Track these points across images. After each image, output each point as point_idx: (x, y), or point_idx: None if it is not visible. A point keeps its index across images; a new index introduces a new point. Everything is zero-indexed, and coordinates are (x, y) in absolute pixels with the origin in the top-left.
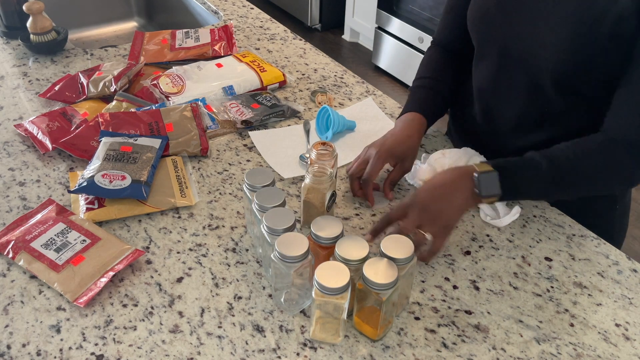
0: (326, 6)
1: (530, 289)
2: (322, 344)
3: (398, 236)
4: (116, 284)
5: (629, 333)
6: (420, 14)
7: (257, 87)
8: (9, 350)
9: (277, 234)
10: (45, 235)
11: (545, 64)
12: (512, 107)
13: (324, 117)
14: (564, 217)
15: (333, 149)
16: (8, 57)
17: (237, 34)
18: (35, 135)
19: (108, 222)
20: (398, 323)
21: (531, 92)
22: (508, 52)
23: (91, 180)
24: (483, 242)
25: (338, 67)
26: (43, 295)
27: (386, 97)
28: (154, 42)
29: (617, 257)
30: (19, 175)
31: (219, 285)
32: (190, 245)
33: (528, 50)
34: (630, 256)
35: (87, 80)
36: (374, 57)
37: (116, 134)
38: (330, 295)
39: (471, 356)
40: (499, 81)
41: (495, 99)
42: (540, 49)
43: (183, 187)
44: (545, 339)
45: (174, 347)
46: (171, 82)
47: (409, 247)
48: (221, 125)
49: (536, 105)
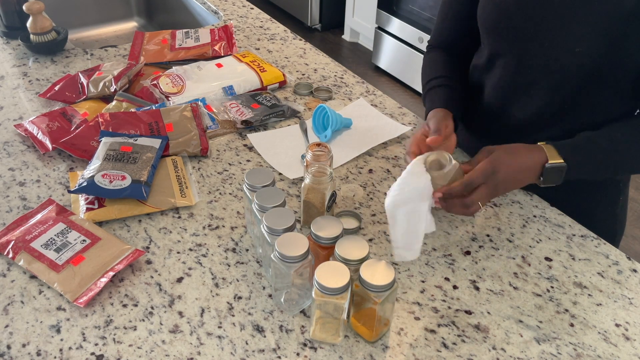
0: (326, 6)
1: (530, 289)
2: (322, 344)
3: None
4: (116, 284)
5: (629, 333)
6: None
7: (257, 87)
8: (9, 350)
9: (277, 234)
10: (45, 235)
11: (573, 62)
12: (531, 104)
13: (321, 115)
14: (564, 217)
15: (328, 150)
16: (8, 57)
17: (237, 34)
18: (35, 135)
19: (108, 222)
20: (398, 323)
21: (553, 89)
22: (530, 50)
23: (91, 180)
24: (483, 242)
25: (338, 67)
26: (43, 295)
27: (386, 97)
28: (154, 42)
29: (617, 257)
30: (19, 175)
31: (219, 285)
32: (190, 245)
33: (554, 48)
34: (630, 256)
35: (87, 80)
36: (374, 57)
37: (116, 134)
38: (330, 295)
39: (471, 356)
40: (518, 79)
41: (513, 97)
42: (568, 48)
43: (183, 187)
44: (545, 339)
45: (174, 347)
46: (171, 82)
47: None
48: (221, 125)
49: (557, 101)
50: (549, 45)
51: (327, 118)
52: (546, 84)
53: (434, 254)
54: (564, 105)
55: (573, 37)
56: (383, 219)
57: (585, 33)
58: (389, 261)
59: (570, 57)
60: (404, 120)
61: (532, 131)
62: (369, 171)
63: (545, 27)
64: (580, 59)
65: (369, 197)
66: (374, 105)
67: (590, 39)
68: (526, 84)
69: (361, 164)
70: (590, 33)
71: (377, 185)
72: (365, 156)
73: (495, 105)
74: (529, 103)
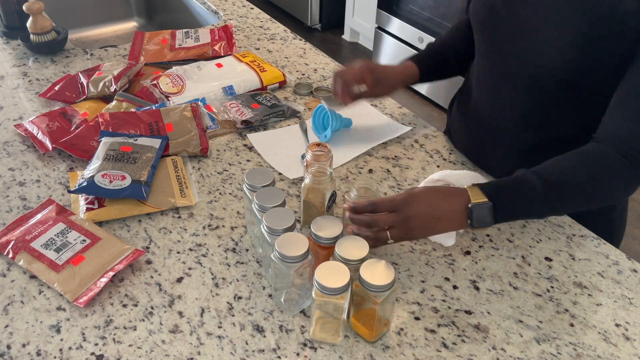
0: (326, 6)
1: (530, 289)
2: (322, 344)
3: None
4: (116, 284)
5: (629, 333)
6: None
7: (257, 87)
8: (9, 350)
9: (277, 234)
10: (45, 235)
11: (551, 62)
12: (516, 105)
13: (321, 115)
14: (564, 217)
15: (328, 150)
16: (8, 57)
17: (237, 34)
18: (35, 135)
19: (108, 222)
20: (398, 323)
21: (535, 90)
22: (512, 48)
23: (91, 180)
24: (483, 242)
25: (338, 67)
26: (43, 295)
27: (386, 97)
28: (154, 42)
29: (617, 257)
30: (19, 175)
31: (219, 285)
32: (190, 245)
33: (533, 47)
34: (630, 256)
35: (87, 80)
36: (374, 57)
37: (116, 134)
38: (330, 295)
39: (471, 356)
40: (502, 78)
41: (498, 96)
42: (545, 47)
43: (183, 187)
44: (545, 339)
45: (174, 347)
46: (171, 82)
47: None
48: (221, 125)
49: (540, 104)
50: (531, 46)
51: (327, 118)
52: (528, 84)
53: (434, 254)
54: (547, 109)
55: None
56: None
57: (563, 34)
58: (389, 261)
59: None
60: (404, 120)
61: (519, 135)
62: (369, 171)
63: (529, 27)
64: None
65: None
66: (374, 105)
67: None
68: (510, 85)
69: (361, 164)
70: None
71: (377, 185)
72: (365, 156)
73: (482, 105)
74: (513, 104)
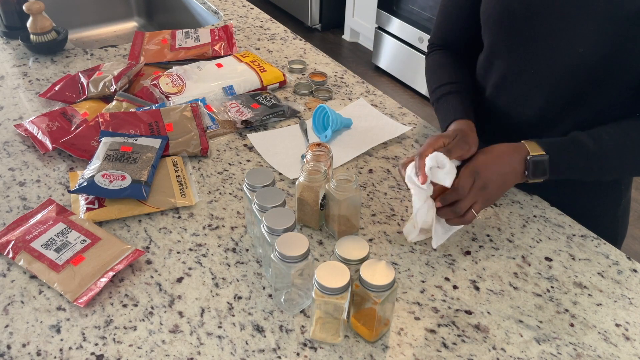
0: (326, 6)
1: (530, 289)
2: (322, 344)
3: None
4: (116, 284)
5: (629, 333)
6: (420, 14)
7: (257, 87)
8: (9, 350)
9: (277, 234)
10: (45, 235)
11: (576, 63)
12: (531, 105)
13: (321, 115)
14: (564, 217)
15: (328, 150)
16: (8, 57)
17: (237, 34)
18: (35, 135)
19: (108, 222)
20: (398, 323)
21: (555, 90)
22: (533, 48)
23: (91, 180)
24: (483, 242)
25: (338, 67)
26: (43, 295)
27: (386, 97)
28: (154, 42)
29: (617, 257)
30: (19, 175)
31: (219, 285)
32: (190, 245)
33: (557, 48)
34: (630, 256)
35: (87, 80)
36: (374, 57)
37: (116, 134)
38: (330, 295)
39: (471, 356)
40: (519, 79)
41: (513, 96)
42: (571, 48)
43: (183, 187)
44: (545, 339)
45: (174, 347)
46: (171, 82)
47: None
48: (221, 125)
49: (559, 102)
50: (551, 45)
51: (327, 118)
52: (548, 84)
53: (434, 254)
54: (566, 106)
55: (577, 37)
56: (383, 219)
57: (589, 33)
58: (389, 261)
59: (573, 57)
60: (404, 120)
61: (533, 132)
62: (369, 171)
63: (548, 26)
64: (583, 59)
65: (369, 197)
66: (374, 105)
67: (594, 39)
68: (527, 84)
69: (361, 164)
70: (594, 33)
71: (377, 185)
72: (365, 156)
73: (495, 105)
74: (530, 103)
